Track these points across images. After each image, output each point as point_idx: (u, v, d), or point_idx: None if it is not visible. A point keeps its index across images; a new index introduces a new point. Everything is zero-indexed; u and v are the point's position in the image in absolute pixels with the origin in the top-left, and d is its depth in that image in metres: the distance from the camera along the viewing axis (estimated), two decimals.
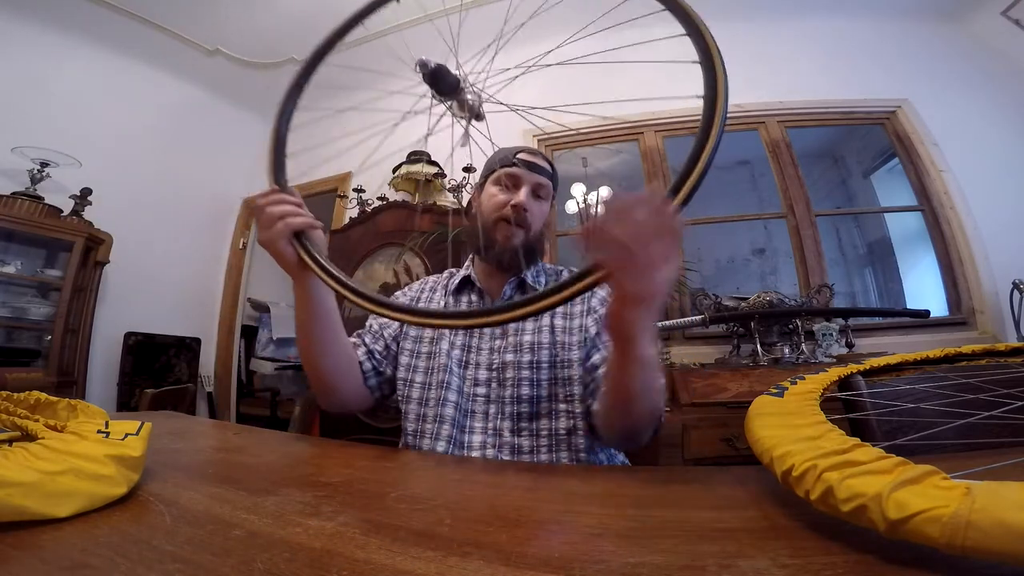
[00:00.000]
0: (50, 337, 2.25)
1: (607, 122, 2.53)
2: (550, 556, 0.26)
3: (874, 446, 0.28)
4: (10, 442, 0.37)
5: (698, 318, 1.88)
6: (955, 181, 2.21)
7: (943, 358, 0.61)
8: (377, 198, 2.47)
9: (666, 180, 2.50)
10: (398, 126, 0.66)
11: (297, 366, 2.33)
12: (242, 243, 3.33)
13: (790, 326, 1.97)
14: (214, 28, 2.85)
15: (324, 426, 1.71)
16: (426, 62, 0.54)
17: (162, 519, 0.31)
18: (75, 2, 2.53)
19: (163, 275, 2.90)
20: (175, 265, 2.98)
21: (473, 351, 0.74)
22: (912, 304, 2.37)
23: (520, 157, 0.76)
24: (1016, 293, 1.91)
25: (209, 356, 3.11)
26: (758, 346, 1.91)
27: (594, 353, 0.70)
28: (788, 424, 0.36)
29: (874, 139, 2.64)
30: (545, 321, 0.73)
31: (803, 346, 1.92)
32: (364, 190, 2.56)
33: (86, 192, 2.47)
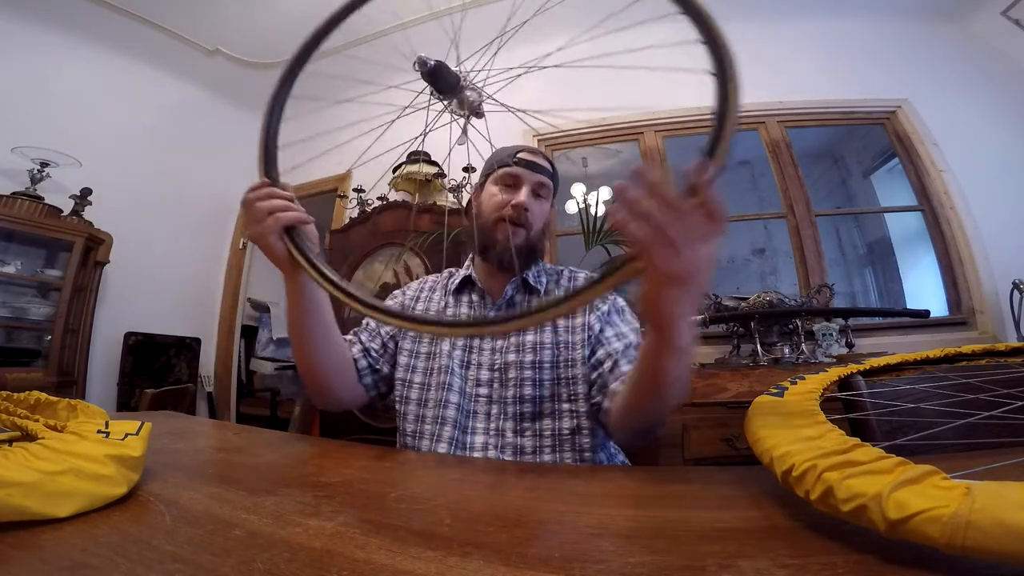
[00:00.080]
0: (50, 337, 2.25)
1: (607, 122, 2.53)
2: (550, 556, 0.26)
3: (874, 446, 0.28)
4: (10, 442, 0.37)
5: (698, 318, 1.88)
6: (955, 181, 2.21)
7: (943, 358, 0.61)
8: (377, 198, 2.47)
9: None
10: (394, 122, 0.64)
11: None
12: (242, 243, 3.32)
13: (790, 326, 1.97)
14: (214, 28, 2.85)
15: (324, 426, 1.70)
16: (426, 60, 0.53)
17: (162, 519, 0.31)
18: (75, 2, 2.53)
19: (163, 275, 2.90)
20: (175, 265, 2.98)
21: (475, 351, 0.74)
22: (912, 304, 2.37)
23: (520, 156, 0.76)
24: (1016, 293, 1.91)
25: (209, 356, 3.11)
26: (758, 346, 1.91)
27: (599, 350, 0.70)
28: (788, 424, 0.36)
29: (874, 139, 2.64)
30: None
31: (803, 346, 1.92)
32: (364, 190, 2.56)
33: (86, 192, 2.47)
